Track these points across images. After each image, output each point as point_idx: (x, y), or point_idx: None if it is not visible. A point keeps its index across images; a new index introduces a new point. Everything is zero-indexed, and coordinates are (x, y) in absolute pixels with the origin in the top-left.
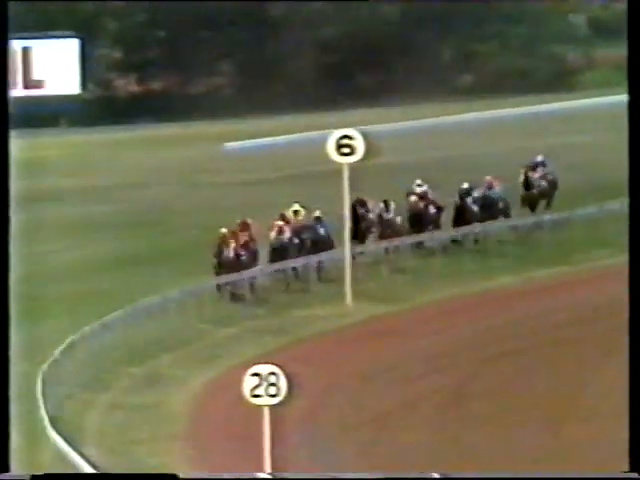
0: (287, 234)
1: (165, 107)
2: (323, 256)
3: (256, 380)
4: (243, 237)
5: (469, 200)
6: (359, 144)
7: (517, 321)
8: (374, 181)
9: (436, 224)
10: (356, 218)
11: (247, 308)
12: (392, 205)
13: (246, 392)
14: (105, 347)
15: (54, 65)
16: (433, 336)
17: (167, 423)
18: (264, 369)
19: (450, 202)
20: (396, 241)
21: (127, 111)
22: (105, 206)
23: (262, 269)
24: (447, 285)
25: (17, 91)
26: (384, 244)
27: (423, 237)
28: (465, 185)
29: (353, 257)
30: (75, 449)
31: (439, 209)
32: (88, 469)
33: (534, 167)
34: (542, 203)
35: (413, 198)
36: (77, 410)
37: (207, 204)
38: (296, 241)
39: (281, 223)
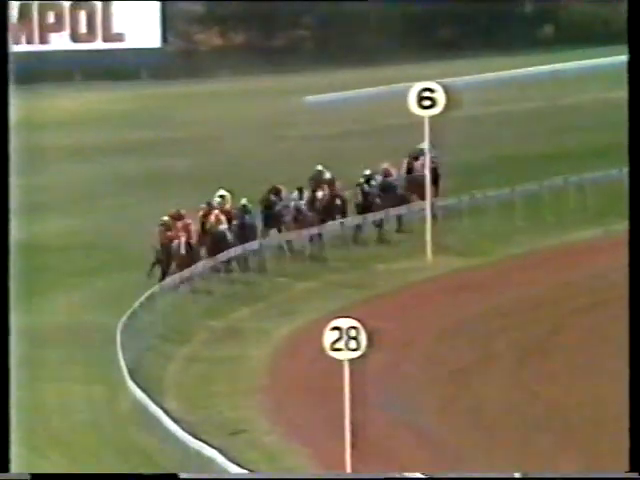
0: (224, 224)
1: (246, 60)
2: (402, 210)
3: (336, 334)
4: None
5: (367, 187)
6: (440, 96)
7: (597, 274)
8: (454, 133)
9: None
10: (270, 205)
11: (328, 262)
12: (305, 193)
13: (326, 346)
14: (185, 300)
15: (134, 19)
16: (513, 291)
17: (246, 376)
18: (344, 323)
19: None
20: (479, 194)
21: (208, 64)
22: (184, 159)
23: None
24: (527, 239)
25: (97, 44)
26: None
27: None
28: (367, 172)
29: (433, 212)
30: (155, 401)
31: (343, 201)
32: (168, 422)
33: (417, 156)
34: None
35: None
36: (157, 362)
37: (288, 157)
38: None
39: (216, 212)
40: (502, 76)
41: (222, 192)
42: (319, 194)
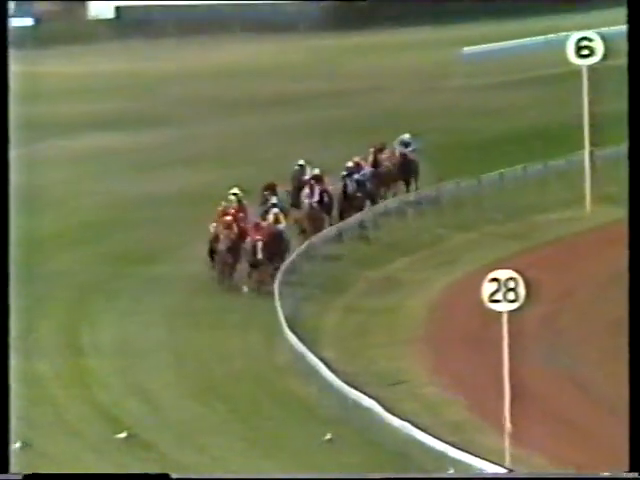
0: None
1: (406, 12)
2: (560, 161)
3: (494, 285)
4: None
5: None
6: (598, 46)
7: None
8: (611, 83)
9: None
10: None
11: (486, 213)
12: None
13: (484, 297)
14: (343, 250)
15: None
16: None
17: (404, 327)
18: (503, 274)
19: None
20: None
21: (366, 16)
22: (342, 110)
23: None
24: None
25: None
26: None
27: None
28: (349, 164)
29: (592, 162)
30: (313, 351)
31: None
32: (326, 372)
33: (382, 149)
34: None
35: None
36: (314, 312)
37: (446, 107)
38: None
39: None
40: None
41: (235, 190)
42: (305, 191)
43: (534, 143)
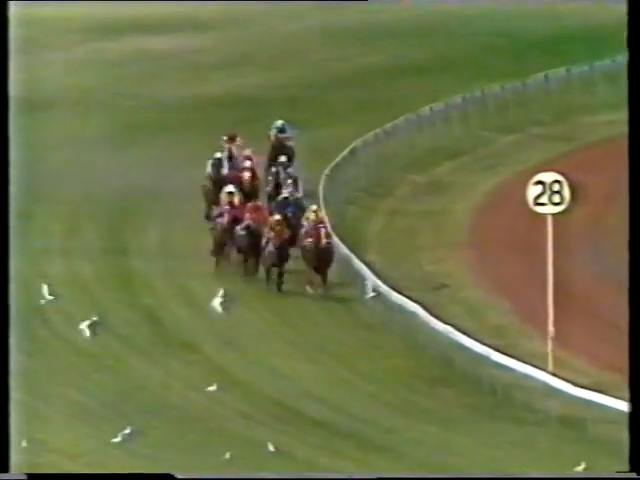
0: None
1: None
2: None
3: (540, 188)
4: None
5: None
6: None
7: None
8: None
9: None
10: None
11: (531, 114)
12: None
13: (530, 200)
14: (387, 154)
15: None
16: None
17: (449, 231)
18: (548, 177)
19: None
20: None
21: None
22: (388, 15)
23: None
24: None
25: None
26: None
27: None
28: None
29: None
30: (357, 255)
31: None
32: (370, 275)
33: (233, 137)
34: None
35: None
36: (359, 216)
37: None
38: None
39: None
40: None
41: (231, 188)
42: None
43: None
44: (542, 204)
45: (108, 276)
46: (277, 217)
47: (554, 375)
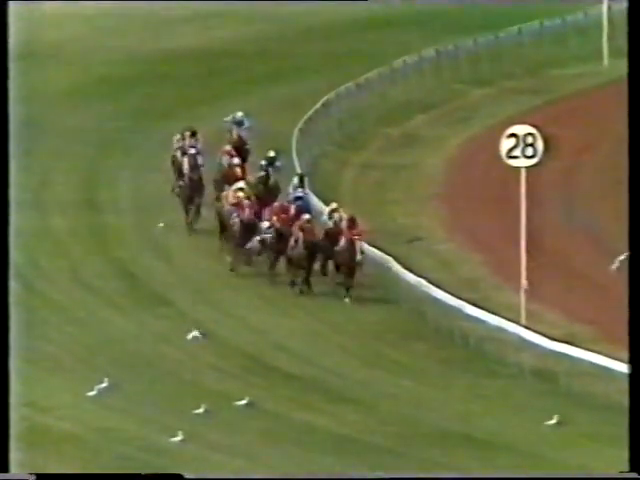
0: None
1: None
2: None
3: (513, 141)
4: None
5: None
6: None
7: None
8: None
9: None
10: None
11: (504, 68)
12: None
13: (503, 153)
14: (361, 107)
15: None
16: None
17: (422, 184)
18: (521, 130)
19: None
20: None
21: None
22: None
23: None
24: None
25: None
26: None
27: None
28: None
29: (610, 16)
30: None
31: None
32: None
33: (193, 133)
34: None
35: None
36: (332, 169)
37: None
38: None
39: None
40: None
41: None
42: None
43: None
44: (515, 157)
45: (80, 229)
46: (307, 216)
47: (527, 328)
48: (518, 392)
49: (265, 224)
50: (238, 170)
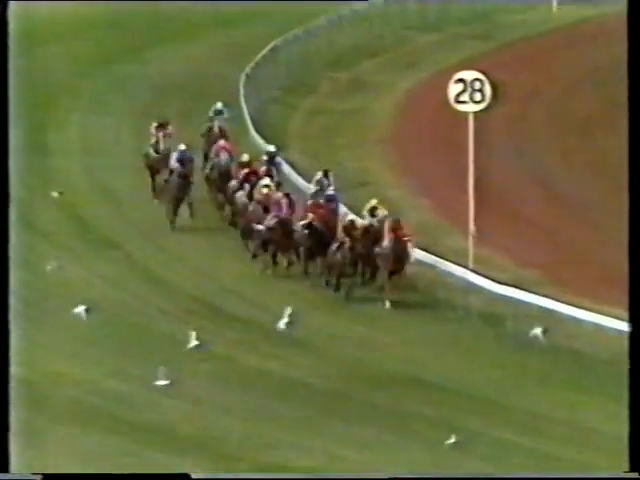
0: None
1: None
2: None
3: (461, 86)
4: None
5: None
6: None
7: None
8: None
9: None
10: None
11: (451, 13)
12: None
13: (451, 98)
14: (309, 52)
15: None
16: None
17: (370, 128)
18: (468, 75)
19: None
20: None
21: None
22: None
23: None
24: None
25: None
26: None
27: None
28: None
29: None
30: (279, 153)
31: None
32: (291, 172)
33: (165, 124)
34: None
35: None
36: (280, 114)
37: None
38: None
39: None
40: None
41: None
42: None
43: None
44: (463, 102)
45: (29, 173)
46: (351, 217)
47: (474, 272)
48: (466, 336)
49: (301, 222)
50: (266, 191)
